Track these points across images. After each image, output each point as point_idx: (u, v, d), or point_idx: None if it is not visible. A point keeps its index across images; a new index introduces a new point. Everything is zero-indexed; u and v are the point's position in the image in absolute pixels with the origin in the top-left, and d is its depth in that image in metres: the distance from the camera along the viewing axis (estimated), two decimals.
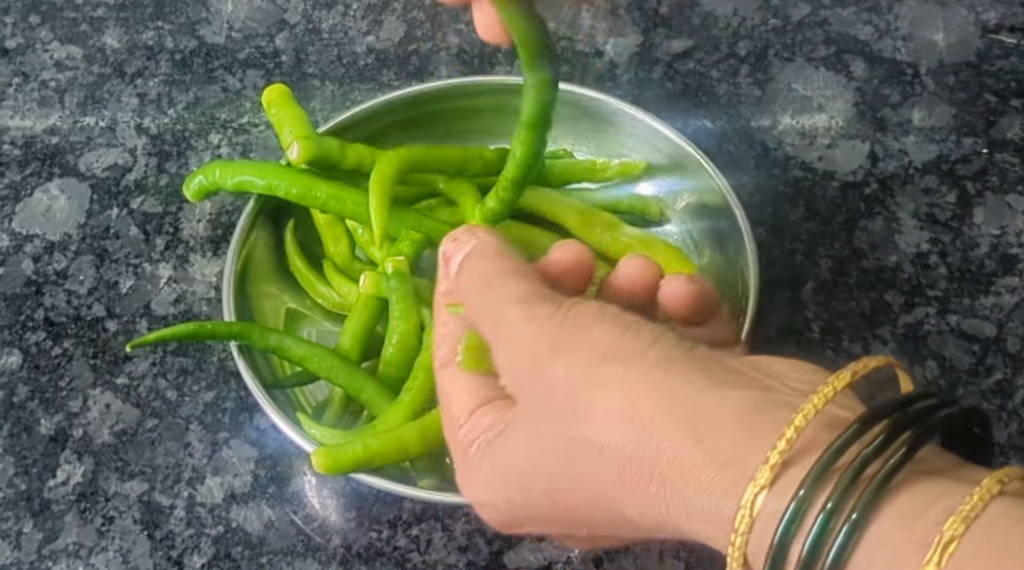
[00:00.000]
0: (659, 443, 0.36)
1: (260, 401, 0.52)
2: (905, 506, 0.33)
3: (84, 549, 0.54)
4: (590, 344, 0.38)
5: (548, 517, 0.41)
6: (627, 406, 0.37)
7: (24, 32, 0.71)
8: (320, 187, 0.57)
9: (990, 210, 0.64)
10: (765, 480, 0.34)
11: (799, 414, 0.34)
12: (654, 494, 0.36)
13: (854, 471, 0.33)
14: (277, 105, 0.59)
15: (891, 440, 0.34)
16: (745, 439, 0.35)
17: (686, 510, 0.36)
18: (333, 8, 0.72)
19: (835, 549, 0.32)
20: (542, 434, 0.39)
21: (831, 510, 0.32)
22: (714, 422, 0.36)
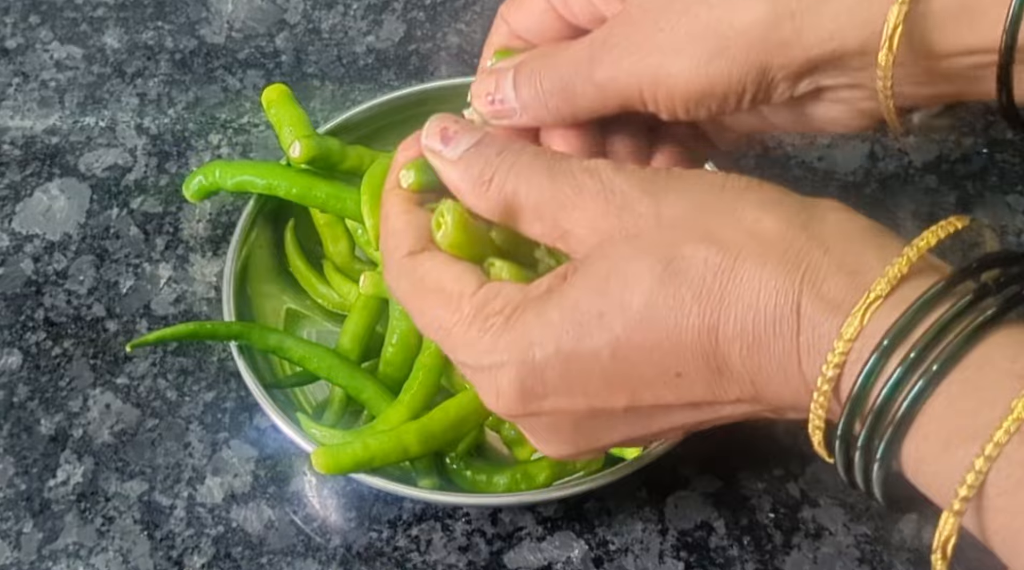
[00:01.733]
0: (787, 248, 0.36)
1: (260, 401, 0.52)
2: (1011, 339, 0.33)
3: (84, 549, 0.54)
4: (698, 181, 0.39)
5: (594, 373, 0.38)
6: (754, 220, 0.37)
7: (24, 32, 0.71)
8: (320, 187, 0.57)
9: (990, 210, 0.64)
10: (881, 291, 0.34)
11: (920, 239, 0.36)
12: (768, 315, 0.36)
13: (967, 302, 0.33)
14: (277, 105, 0.59)
15: (996, 290, 0.34)
16: (875, 253, 0.36)
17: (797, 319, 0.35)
18: (333, 8, 0.72)
19: (947, 351, 0.33)
20: (636, 268, 0.37)
21: (944, 323, 0.33)
22: (842, 236, 0.36)
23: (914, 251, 0.35)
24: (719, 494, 0.55)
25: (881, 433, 0.34)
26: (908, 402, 0.33)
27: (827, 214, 0.37)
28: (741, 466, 0.55)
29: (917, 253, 0.35)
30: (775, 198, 0.38)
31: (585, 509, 0.54)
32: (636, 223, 0.38)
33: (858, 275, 0.35)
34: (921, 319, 0.33)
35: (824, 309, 0.35)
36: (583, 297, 0.38)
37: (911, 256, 0.35)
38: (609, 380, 0.39)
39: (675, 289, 0.37)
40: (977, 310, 0.33)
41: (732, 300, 0.36)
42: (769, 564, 0.53)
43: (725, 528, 0.54)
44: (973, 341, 0.33)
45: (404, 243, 0.43)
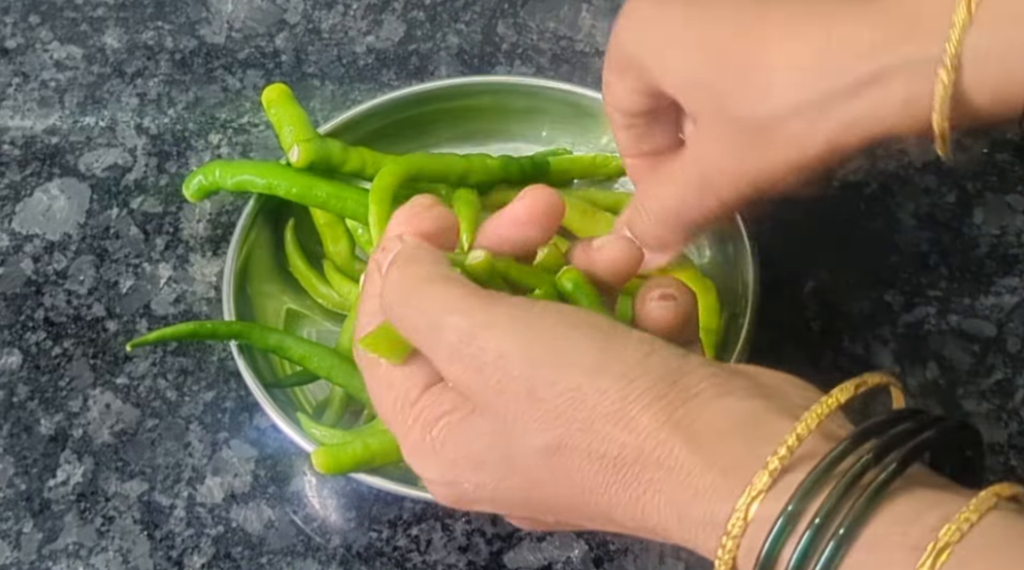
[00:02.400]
0: (659, 453, 0.36)
1: (260, 401, 0.52)
2: (901, 511, 0.33)
3: (84, 549, 0.54)
4: (577, 355, 0.38)
5: (516, 504, 0.41)
6: (628, 418, 0.36)
7: (24, 32, 0.71)
8: (320, 186, 0.57)
9: (990, 210, 0.64)
10: (763, 485, 0.34)
11: (801, 423, 0.35)
12: (648, 500, 0.36)
13: (851, 478, 0.33)
14: (277, 105, 0.59)
15: (886, 453, 0.34)
16: (745, 447, 0.35)
17: (679, 516, 0.36)
18: (333, 8, 0.72)
19: (829, 549, 0.32)
20: (525, 436, 0.38)
21: (826, 513, 0.33)
22: (714, 431, 0.36)
23: (793, 438, 0.34)
24: None
25: None
26: None
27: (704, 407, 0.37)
28: None
29: (797, 439, 0.34)
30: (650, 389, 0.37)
31: None
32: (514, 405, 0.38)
33: (733, 473, 0.35)
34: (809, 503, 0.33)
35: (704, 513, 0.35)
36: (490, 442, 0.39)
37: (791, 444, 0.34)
38: (533, 507, 0.41)
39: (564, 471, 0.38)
40: (863, 485, 0.33)
41: (617, 493, 0.37)
42: None
43: None
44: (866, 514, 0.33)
45: (366, 328, 0.43)
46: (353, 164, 0.57)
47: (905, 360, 0.58)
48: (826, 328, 0.60)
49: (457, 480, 0.41)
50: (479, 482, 0.40)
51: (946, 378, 0.58)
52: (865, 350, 0.59)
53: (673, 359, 0.38)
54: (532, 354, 0.38)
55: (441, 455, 0.40)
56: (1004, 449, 0.56)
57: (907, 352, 0.59)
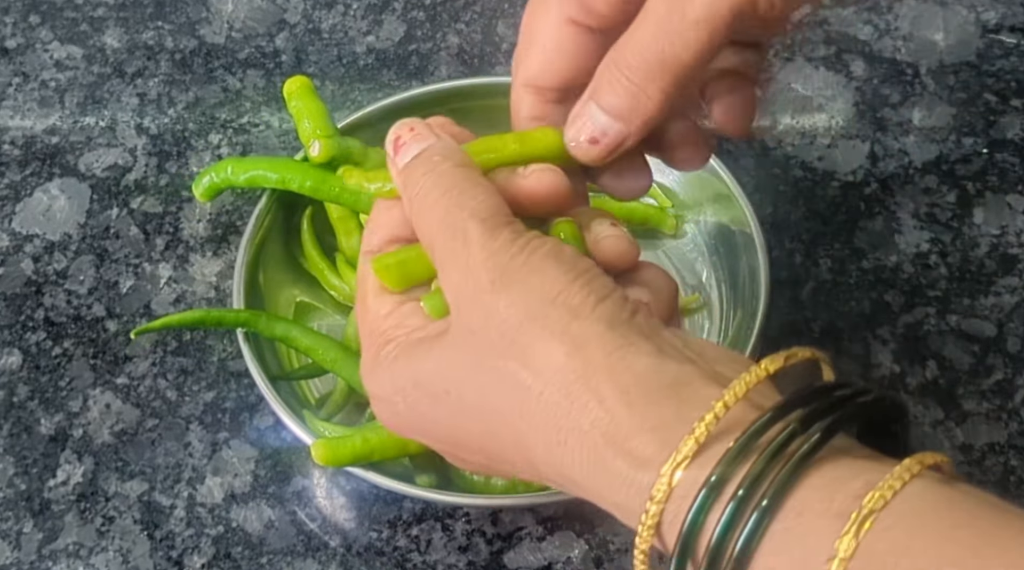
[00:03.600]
0: (589, 398, 0.36)
1: (263, 389, 0.52)
2: (826, 478, 0.33)
3: (84, 549, 0.54)
4: (541, 284, 0.38)
5: (444, 436, 0.41)
6: (566, 356, 0.37)
7: (24, 32, 0.71)
8: (334, 180, 0.57)
9: (990, 210, 0.64)
10: (689, 451, 0.34)
11: (729, 391, 0.35)
12: (573, 449, 0.36)
13: (776, 447, 0.33)
14: (298, 97, 0.59)
15: (811, 422, 0.34)
16: (675, 409, 0.35)
17: (604, 473, 0.36)
18: (333, 8, 0.72)
19: (753, 519, 0.32)
20: (470, 358, 0.39)
21: (751, 483, 0.33)
22: (648, 387, 0.36)
23: (720, 406, 0.34)
24: None
25: None
26: (741, 544, 0.33)
27: (640, 359, 0.37)
28: None
29: (724, 407, 0.34)
30: (596, 331, 0.37)
31: (585, 509, 0.54)
32: (476, 316, 0.39)
33: (662, 431, 0.35)
34: (735, 471, 0.33)
35: (630, 466, 0.35)
36: (436, 369, 0.40)
37: (718, 411, 0.34)
38: (457, 442, 0.41)
39: (495, 398, 0.38)
40: (788, 453, 0.33)
41: (541, 428, 0.37)
42: None
43: None
44: (791, 482, 0.33)
45: (369, 241, 0.44)
46: (372, 163, 0.57)
47: (905, 360, 0.58)
48: (826, 328, 0.60)
49: (396, 396, 0.41)
50: (414, 402, 0.41)
51: (946, 378, 0.58)
52: (865, 350, 0.59)
53: (623, 309, 0.38)
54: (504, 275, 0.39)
55: (390, 370, 0.41)
56: (1004, 449, 0.56)
57: (907, 352, 0.59)
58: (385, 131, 0.61)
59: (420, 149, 0.43)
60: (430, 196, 0.41)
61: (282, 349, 0.57)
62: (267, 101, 0.68)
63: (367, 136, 0.60)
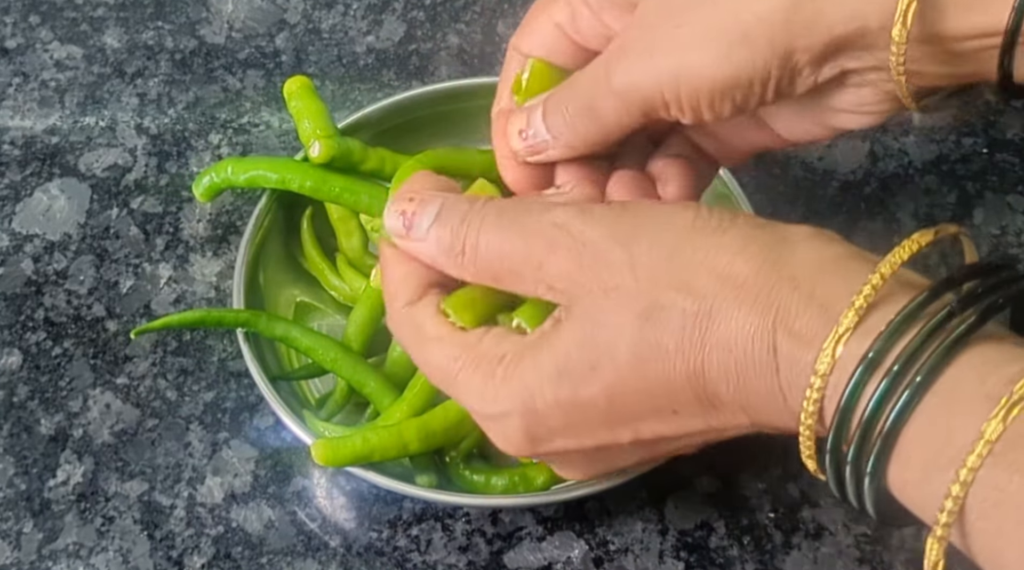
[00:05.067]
0: (758, 293, 0.37)
1: (262, 389, 0.52)
2: (980, 359, 0.33)
3: (84, 549, 0.54)
4: (667, 222, 0.39)
5: (594, 418, 0.40)
6: (726, 264, 0.38)
7: (24, 32, 0.71)
8: (335, 180, 0.57)
9: (990, 210, 0.64)
10: (850, 324, 0.35)
11: (884, 263, 0.36)
12: (747, 352, 0.37)
13: (934, 325, 0.34)
14: (298, 97, 0.59)
15: (970, 303, 0.34)
16: (841, 284, 0.36)
17: (773, 365, 0.36)
18: (333, 8, 0.72)
19: (905, 395, 0.33)
20: (614, 316, 0.39)
21: (906, 359, 0.33)
22: (810, 270, 0.37)
23: (877, 277, 0.35)
24: (719, 494, 0.55)
25: (868, 451, 0.34)
26: (892, 418, 0.34)
27: (798, 246, 0.38)
28: (741, 466, 0.55)
29: (881, 278, 0.35)
30: (745, 236, 0.39)
31: (585, 509, 0.54)
32: (612, 276, 0.39)
33: (828, 307, 0.36)
34: (892, 345, 0.34)
35: (798, 346, 0.36)
36: (573, 349, 0.40)
37: (876, 283, 0.35)
38: (610, 422, 0.41)
39: (657, 339, 0.38)
40: (947, 330, 0.34)
41: (712, 346, 0.38)
42: (769, 564, 0.53)
43: (725, 528, 0.54)
44: (945, 360, 0.33)
45: (402, 293, 0.44)
46: (372, 163, 0.57)
47: None
48: None
49: (530, 404, 0.40)
50: (556, 397, 0.40)
51: None
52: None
53: (756, 218, 0.40)
54: (623, 231, 0.39)
55: (516, 379, 0.40)
56: None
57: None
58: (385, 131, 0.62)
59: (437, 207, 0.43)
60: (487, 225, 0.42)
61: (282, 349, 0.57)
62: (267, 101, 0.68)
63: (367, 136, 0.60)
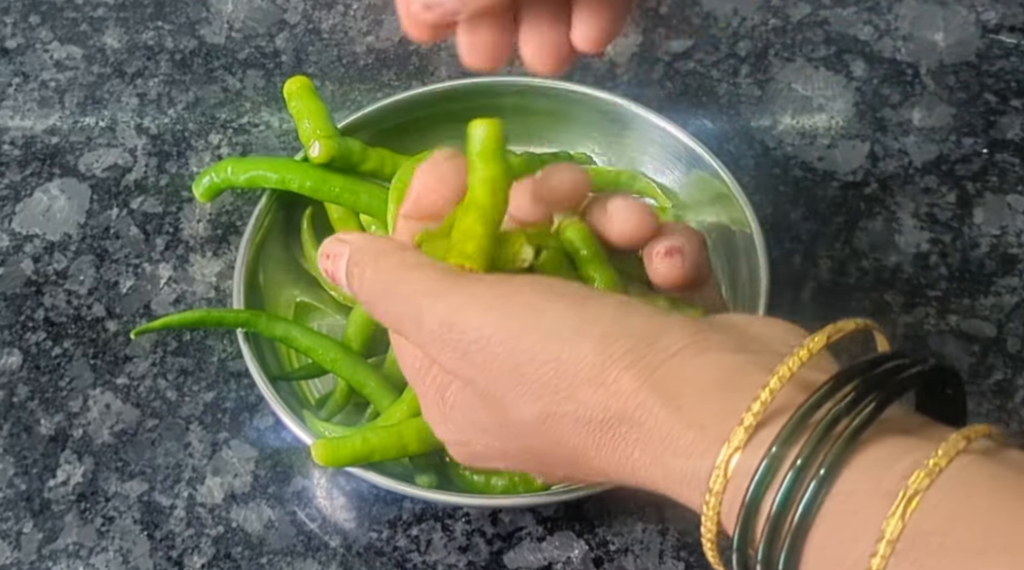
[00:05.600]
0: (641, 413, 0.37)
1: (262, 389, 0.52)
2: (874, 458, 0.33)
3: (84, 549, 0.54)
4: (555, 325, 0.38)
5: (525, 463, 0.42)
6: (608, 382, 0.37)
7: (24, 32, 0.71)
8: (334, 180, 0.57)
9: (990, 210, 0.64)
10: (739, 441, 0.34)
11: (773, 376, 0.35)
12: (635, 459, 0.37)
13: (824, 427, 0.34)
14: (298, 97, 0.59)
15: (861, 398, 0.34)
16: (722, 402, 0.36)
17: (664, 472, 0.36)
18: (333, 8, 0.72)
19: (805, 500, 0.33)
20: (516, 409, 0.39)
21: (802, 464, 0.33)
22: (694, 389, 0.36)
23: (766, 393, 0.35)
24: None
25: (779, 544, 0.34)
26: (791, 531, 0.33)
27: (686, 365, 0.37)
28: None
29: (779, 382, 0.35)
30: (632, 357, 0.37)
31: (585, 509, 0.54)
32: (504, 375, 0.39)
33: (711, 428, 0.35)
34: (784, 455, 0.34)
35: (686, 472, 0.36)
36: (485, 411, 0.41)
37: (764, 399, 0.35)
38: (536, 465, 0.42)
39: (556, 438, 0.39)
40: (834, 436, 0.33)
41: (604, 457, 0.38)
42: None
43: None
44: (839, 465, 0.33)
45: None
46: (372, 163, 0.57)
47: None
48: None
49: (468, 442, 0.42)
50: (487, 443, 0.42)
51: None
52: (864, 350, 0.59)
53: (653, 318, 0.38)
54: (511, 330, 0.38)
55: (451, 419, 0.42)
56: None
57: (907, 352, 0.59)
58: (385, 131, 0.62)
59: (343, 267, 0.43)
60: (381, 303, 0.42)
61: (282, 349, 0.57)
62: (267, 101, 0.68)
63: (367, 136, 0.60)
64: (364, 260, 0.42)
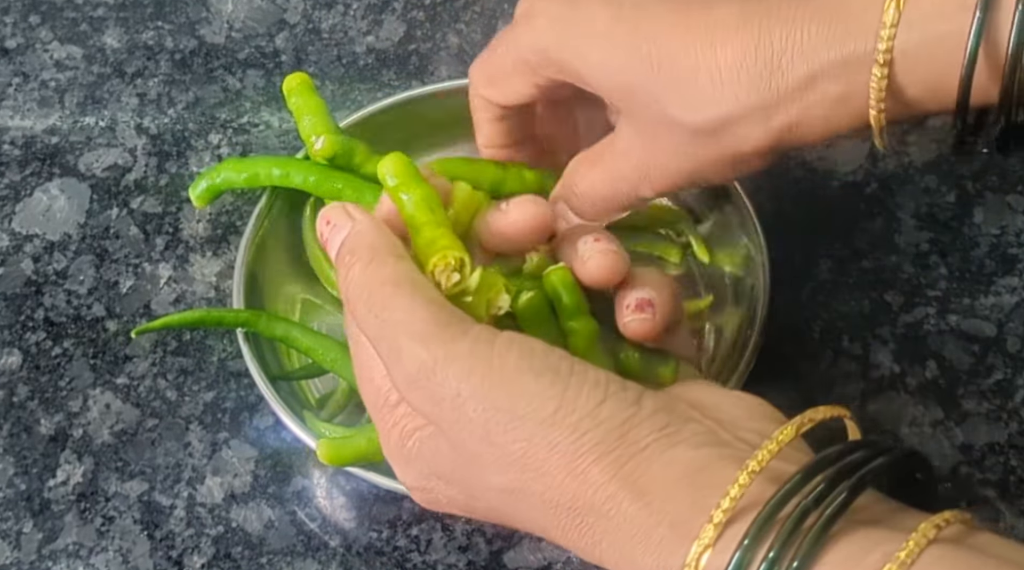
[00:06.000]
0: (609, 506, 0.36)
1: (262, 389, 0.52)
2: (844, 554, 0.33)
3: (84, 549, 0.54)
4: (533, 403, 0.37)
5: (487, 518, 0.42)
6: (578, 471, 0.37)
7: (24, 32, 0.71)
8: (337, 177, 0.56)
9: (990, 210, 0.64)
10: (709, 539, 0.34)
11: (743, 472, 0.35)
12: (604, 549, 0.37)
13: (793, 522, 0.33)
14: (297, 94, 0.58)
15: (830, 490, 0.34)
16: (691, 499, 0.35)
17: (633, 567, 0.36)
18: (333, 8, 0.72)
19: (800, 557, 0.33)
20: (483, 474, 0.39)
21: (772, 561, 0.33)
22: (663, 484, 0.36)
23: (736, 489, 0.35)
24: None
25: None
26: None
27: (654, 461, 0.37)
28: None
29: (748, 478, 0.35)
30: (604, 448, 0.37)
31: None
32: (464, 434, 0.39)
33: (683, 525, 0.35)
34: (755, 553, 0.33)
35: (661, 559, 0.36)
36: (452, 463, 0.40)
37: (735, 495, 0.35)
38: (500, 522, 0.42)
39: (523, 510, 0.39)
40: (802, 532, 0.33)
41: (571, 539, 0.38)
42: None
43: None
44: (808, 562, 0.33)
45: None
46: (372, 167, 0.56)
47: (905, 360, 0.58)
48: (826, 328, 0.60)
49: (430, 489, 0.42)
50: (450, 495, 0.41)
51: (946, 378, 0.58)
52: (864, 350, 0.59)
53: (624, 409, 0.38)
54: (490, 398, 0.38)
55: (415, 464, 0.41)
56: (1004, 449, 0.56)
57: (907, 352, 0.59)
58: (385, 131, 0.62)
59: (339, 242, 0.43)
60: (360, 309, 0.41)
61: (282, 349, 0.57)
62: (267, 101, 0.68)
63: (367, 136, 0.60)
64: (358, 252, 0.41)
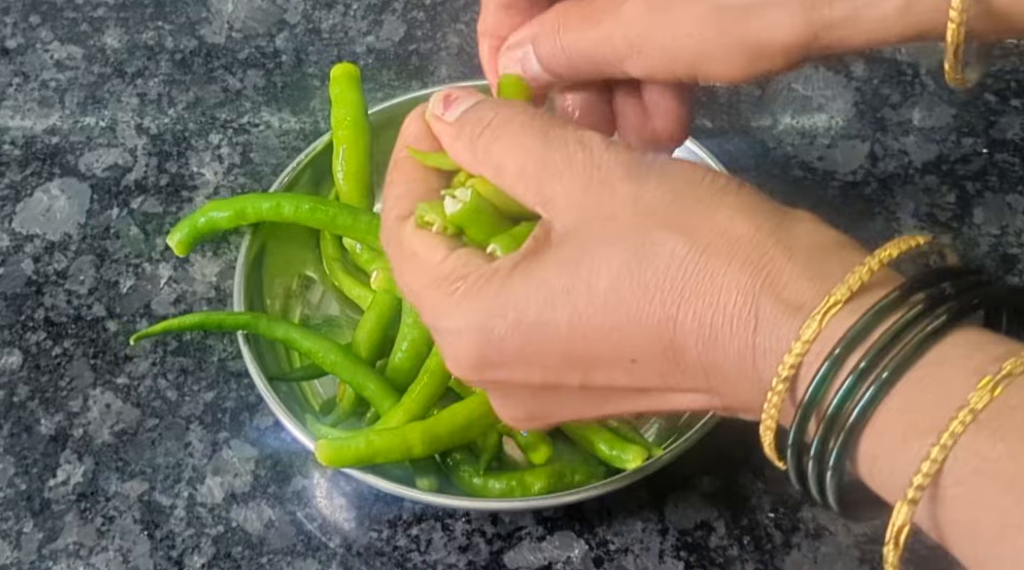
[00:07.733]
0: (751, 254, 0.36)
1: (262, 390, 0.52)
2: (968, 337, 0.34)
3: (84, 549, 0.54)
4: (682, 170, 0.39)
5: (551, 349, 0.39)
6: (726, 219, 0.37)
7: (24, 32, 0.71)
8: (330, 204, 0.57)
9: (990, 210, 0.64)
10: (841, 296, 0.35)
11: (884, 250, 0.36)
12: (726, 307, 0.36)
13: (927, 305, 0.34)
14: (340, 84, 0.59)
15: (961, 293, 0.35)
16: (835, 262, 0.36)
17: (751, 328, 0.36)
18: (333, 8, 0.72)
19: (897, 359, 0.33)
20: (604, 246, 0.38)
21: (896, 332, 0.34)
22: (811, 246, 0.37)
23: (875, 261, 0.36)
24: (719, 494, 0.55)
25: (833, 439, 0.34)
26: (859, 409, 0.34)
27: (798, 224, 0.38)
28: (741, 466, 0.55)
29: (878, 263, 0.36)
30: (751, 203, 0.38)
31: (585, 509, 0.54)
32: (613, 203, 0.39)
33: (820, 281, 0.36)
34: (875, 326, 0.34)
35: (783, 312, 0.36)
36: (552, 273, 0.39)
37: (872, 266, 0.36)
38: (566, 356, 0.39)
39: (640, 275, 0.37)
40: (929, 318, 0.34)
41: (693, 294, 0.37)
42: (769, 564, 0.53)
43: (725, 528, 0.54)
44: (923, 348, 0.33)
45: (398, 206, 0.43)
46: None
47: None
48: None
49: (488, 323, 0.39)
50: (518, 318, 0.39)
51: None
52: None
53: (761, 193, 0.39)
54: (637, 169, 0.39)
55: (473, 302, 0.39)
56: None
57: None
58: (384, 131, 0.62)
59: (479, 98, 0.43)
60: (514, 122, 0.41)
61: (282, 349, 0.57)
62: (267, 101, 0.68)
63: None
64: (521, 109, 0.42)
